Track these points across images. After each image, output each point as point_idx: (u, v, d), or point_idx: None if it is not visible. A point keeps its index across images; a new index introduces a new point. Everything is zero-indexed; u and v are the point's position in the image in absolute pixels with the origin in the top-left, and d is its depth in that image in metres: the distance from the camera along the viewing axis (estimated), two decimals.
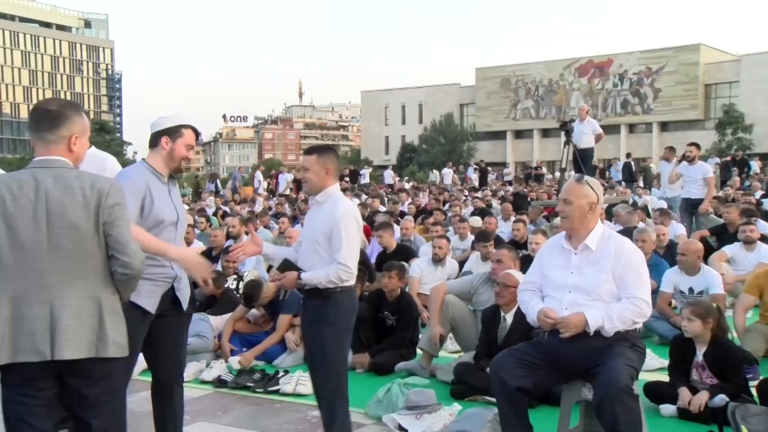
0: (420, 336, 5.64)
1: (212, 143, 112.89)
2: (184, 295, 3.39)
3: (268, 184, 25.46)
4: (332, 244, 3.42)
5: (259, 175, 25.94)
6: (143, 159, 3.41)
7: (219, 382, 5.15)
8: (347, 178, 27.81)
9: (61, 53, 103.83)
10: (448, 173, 28.10)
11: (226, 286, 6.71)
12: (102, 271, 2.61)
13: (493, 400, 3.67)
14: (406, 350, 5.48)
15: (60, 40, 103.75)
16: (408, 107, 57.59)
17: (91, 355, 2.55)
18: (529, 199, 15.77)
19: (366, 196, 16.37)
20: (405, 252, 8.05)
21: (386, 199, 16.83)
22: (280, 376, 5.05)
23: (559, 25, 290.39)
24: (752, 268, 6.62)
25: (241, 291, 6.64)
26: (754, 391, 4.08)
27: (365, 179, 28.98)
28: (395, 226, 10.16)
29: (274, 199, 19.49)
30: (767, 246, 7.12)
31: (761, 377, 4.47)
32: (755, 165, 23.17)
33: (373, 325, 5.63)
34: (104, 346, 2.57)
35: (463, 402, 4.49)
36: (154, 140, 3.34)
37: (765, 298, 5.42)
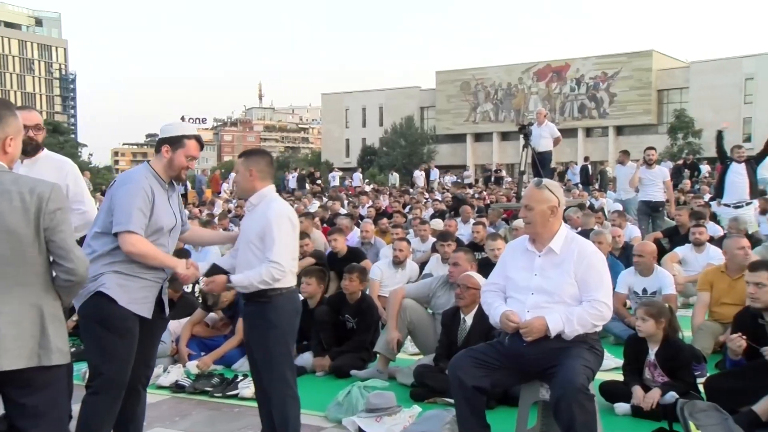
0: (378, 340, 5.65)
1: None
2: (166, 298, 3.43)
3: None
4: (265, 243, 3.42)
5: (233, 176, 25.81)
6: (148, 162, 3.38)
7: (176, 387, 5.07)
8: (318, 181, 27.87)
9: (10, 51, 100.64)
10: (420, 176, 28.25)
11: (183, 288, 6.61)
12: (43, 278, 2.53)
13: (453, 401, 3.70)
14: (367, 353, 5.47)
15: (9, 38, 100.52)
16: (368, 110, 57.60)
17: (33, 364, 2.45)
18: (489, 202, 15.97)
19: (326, 199, 16.36)
20: (355, 255, 7.94)
21: (347, 201, 16.83)
22: (239, 380, 5.01)
23: (518, 29, 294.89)
24: (701, 269, 6.82)
25: (198, 294, 6.55)
26: (702, 387, 4.23)
27: (335, 182, 29.14)
28: (356, 228, 10.17)
29: (234, 201, 19.28)
30: (715, 248, 7.33)
31: (708, 374, 4.64)
32: (704, 169, 23.83)
33: (333, 328, 5.61)
34: (47, 353, 2.48)
35: (423, 404, 4.52)
36: (158, 147, 3.35)
37: (714, 295, 5.59)
